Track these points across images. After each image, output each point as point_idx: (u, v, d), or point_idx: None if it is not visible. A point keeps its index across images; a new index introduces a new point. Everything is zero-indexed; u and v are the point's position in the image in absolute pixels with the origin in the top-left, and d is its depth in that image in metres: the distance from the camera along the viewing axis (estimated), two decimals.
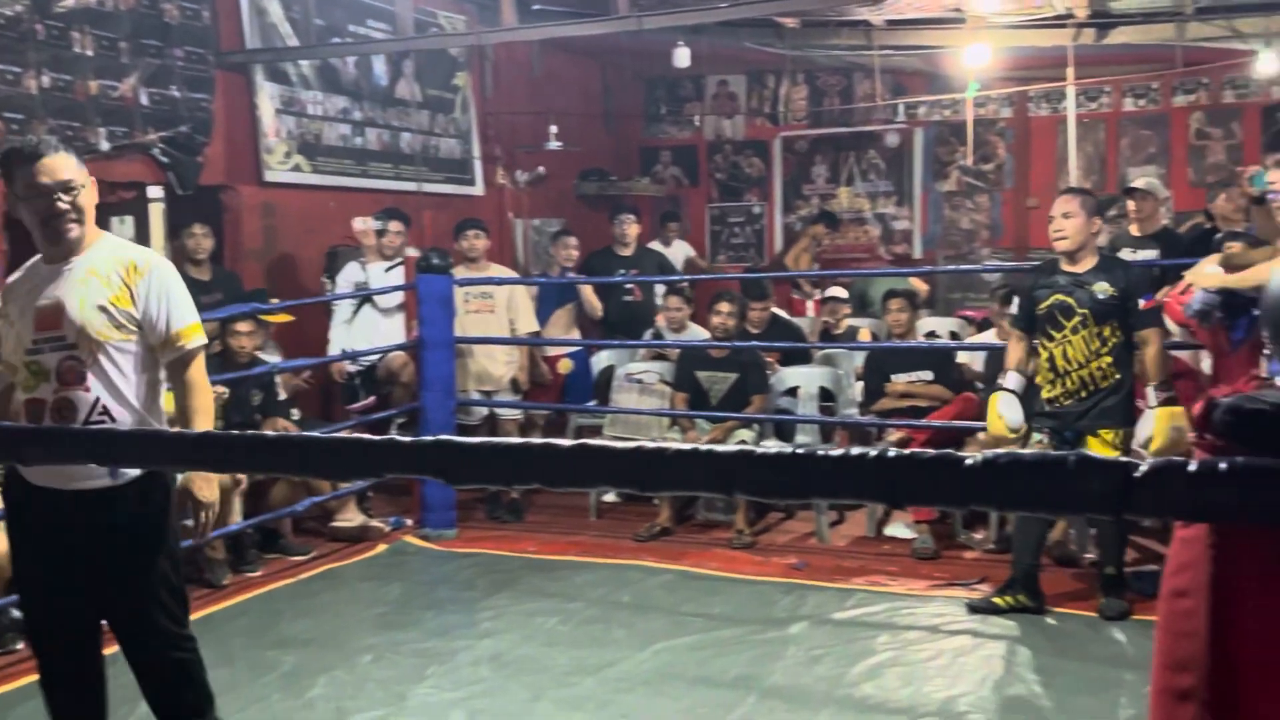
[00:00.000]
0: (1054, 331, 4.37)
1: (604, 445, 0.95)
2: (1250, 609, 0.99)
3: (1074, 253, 4.37)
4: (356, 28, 7.21)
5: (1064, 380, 4.35)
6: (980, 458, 0.80)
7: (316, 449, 1.01)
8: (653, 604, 4.71)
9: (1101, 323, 4.29)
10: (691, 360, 6.07)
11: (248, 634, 4.43)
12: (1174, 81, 8.90)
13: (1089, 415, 4.32)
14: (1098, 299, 4.28)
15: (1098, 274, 4.33)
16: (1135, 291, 4.30)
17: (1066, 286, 4.35)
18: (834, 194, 10.08)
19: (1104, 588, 4.46)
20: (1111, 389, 4.30)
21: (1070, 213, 4.35)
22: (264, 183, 6.59)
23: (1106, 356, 4.29)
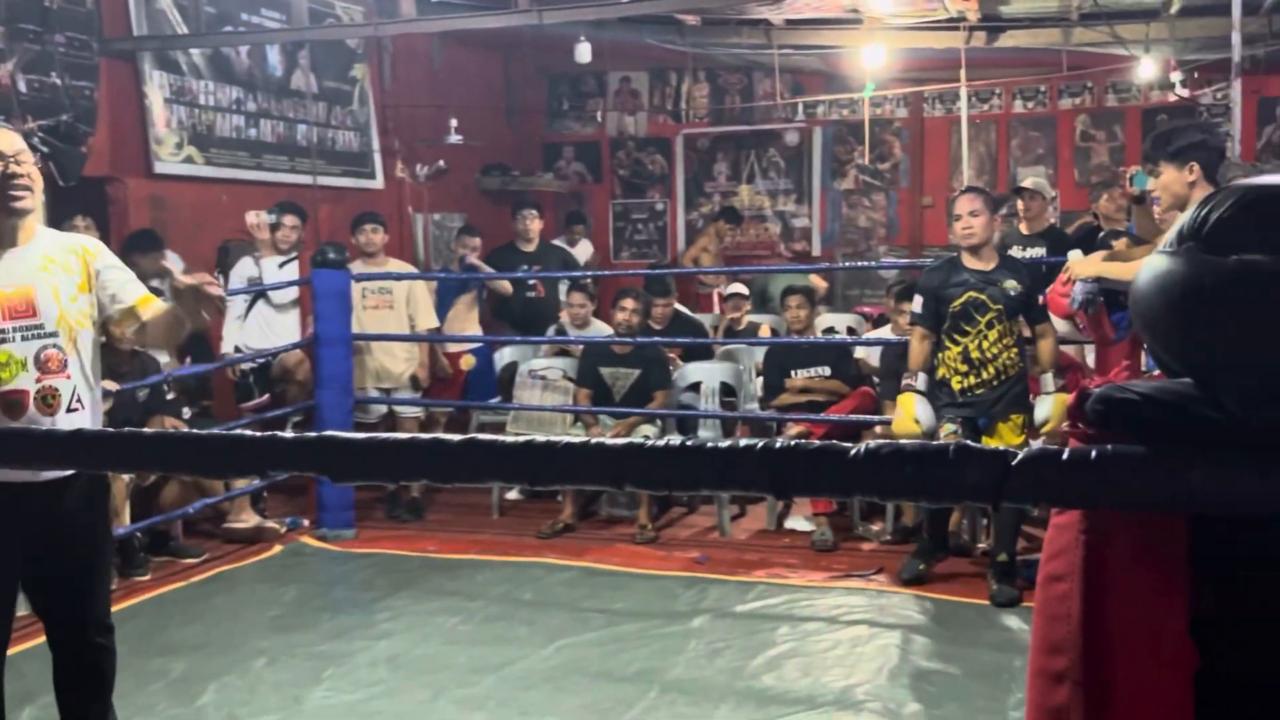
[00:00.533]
0: (967, 327, 4.61)
1: (493, 440, 0.94)
2: (1120, 592, 1.02)
3: (979, 249, 4.63)
4: (250, 16, 7.03)
5: (979, 371, 4.61)
6: (864, 448, 0.81)
7: (196, 446, 0.98)
8: (555, 601, 4.70)
9: (1011, 317, 4.60)
10: (595, 356, 6.07)
11: (135, 640, 4.27)
12: (1060, 85, 9.20)
13: (1001, 402, 4.62)
14: (1009, 296, 4.57)
15: (1005, 272, 4.63)
16: (1037, 289, 4.66)
17: (977, 284, 4.60)
18: (735, 191, 10.18)
19: (996, 575, 4.61)
20: (1018, 377, 4.64)
21: (977, 210, 4.62)
22: (153, 174, 6.38)
23: (1014, 348, 4.62)
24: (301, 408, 5.97)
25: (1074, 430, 0.99)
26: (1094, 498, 0.81)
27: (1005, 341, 4.60)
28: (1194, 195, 3.62)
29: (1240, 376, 0.93)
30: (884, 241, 9.82)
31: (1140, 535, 0.99)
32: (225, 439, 1.00)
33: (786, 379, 5.98)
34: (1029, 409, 4.67)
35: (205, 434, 1.03)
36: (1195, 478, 0.87)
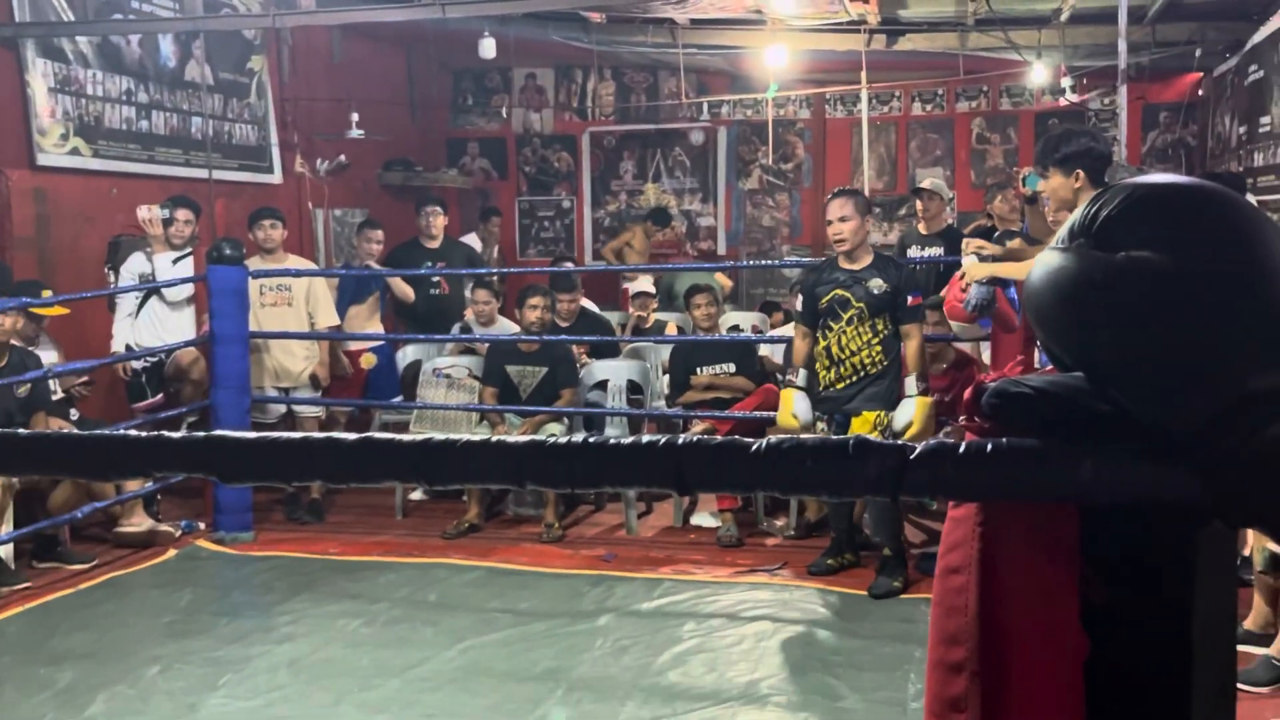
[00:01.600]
0: (832, 323, 4.71)
1: (390, 438, 0.92)
2: (1015, 583, 1.05)
3: (851, 251, 4.70)
4: (141, 4, 6.80)
5: (838, 367, 4.70)
6: (765, 444, 0.81)
7: (79, 447, 0.94)
8: (460, 602, 4.65)
9: (875, 315, 4.65)
10: (501, 354, 6.02)
11: (18, 650, 4.12)
12: (957, 88, 9.43)
13: (857, 398, 4.68)
14: (872, 294, 4.64)
15: (873, 271, 4.69)
16: (905, 288, 4.68)
17: (845, 282, 4.69)
18: (641, 190, 10.21)
19: (879, 568, 4.73)
20: (879, 375, 4.68)
21: (846, 216, 4.67)
22: (36, 167, 6.13)
23: (877, 346, 4.67)
24: (196, 408, 5.80)
25: (970, 424, 1.01)
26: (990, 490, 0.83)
27: (865, 338, 4.66)
28: (1080, 199, 3.74)
29: (1128, 370, 0.96)
30: (787, 241, 9.95)
31: (1034, 527, 1.01)
32: (110, 439, 0.96)
33: (692, 376, 6.01)
34: (889, 406, 4.70)
35: (89, 435, 0.99)
36: (1087, 469, 0.89)
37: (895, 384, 4.73)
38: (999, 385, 1.00)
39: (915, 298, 4.72)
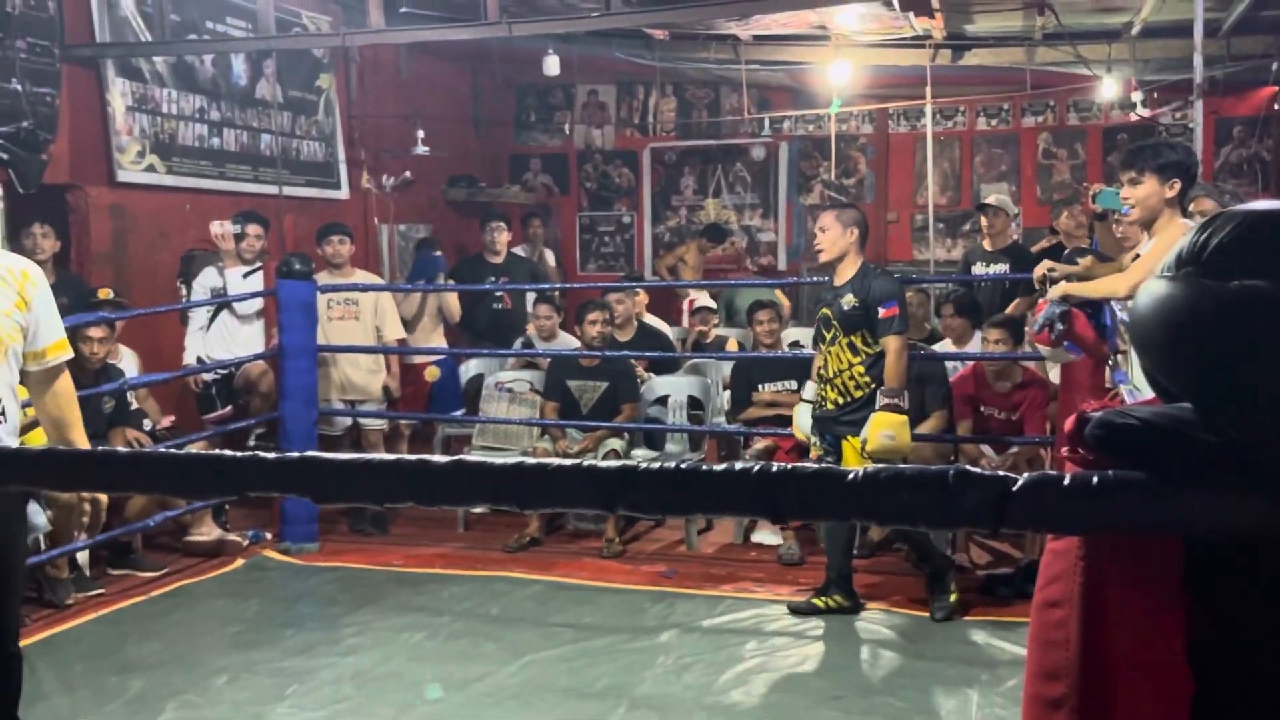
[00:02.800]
0: (820, 342, 4.61)
1: (481, 461, 0.92)
2: (1118, 618, 1.02)
3: (834, 264, 4.55)
4: (215, 25, 6.96)
5: (826, 387, 4.57)
6: (861, 472, 0.81)
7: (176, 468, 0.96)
8: (522, 616, 4.67)
9: (850, 332, 4.45)
10: (562, 369, 6.04)
11: (91, 658, 4.21)
12: (1023, 103, 9.31)
13: (842, 422, 4.50)
14: (844, 310, 4.46)
15: (849, 287, 4.48)
16: (875, 300, 4.40)
17: (829, 299, 4.56)
18: (701, 205, 10.21)
19: (929, 589, 4.60)
20: (865, 399, 4.44)
21: (826, 227, 4.54)
22: (115, 183, 6.29)
23: (859, 366, 4.46)
24: (265, 420, 5.89)
25: (1073, 455, 0.99)
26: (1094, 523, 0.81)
27: (846, 358, 4.48)
28: (1165, 212, 3.67)
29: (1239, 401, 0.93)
30: None
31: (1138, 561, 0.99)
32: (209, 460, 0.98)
33: (754, 393, 5.99)
34: None
35: (187, 455, 1.01)
36: (1194, 503, 0.87)
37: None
38: (1104, 416, 0.98)
39: (889, 309, 4.40)
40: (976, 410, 5.48)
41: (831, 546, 4.67)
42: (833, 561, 4.65)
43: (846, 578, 4.64)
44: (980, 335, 5.80)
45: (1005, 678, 3.93)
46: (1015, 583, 4.85)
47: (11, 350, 2.77)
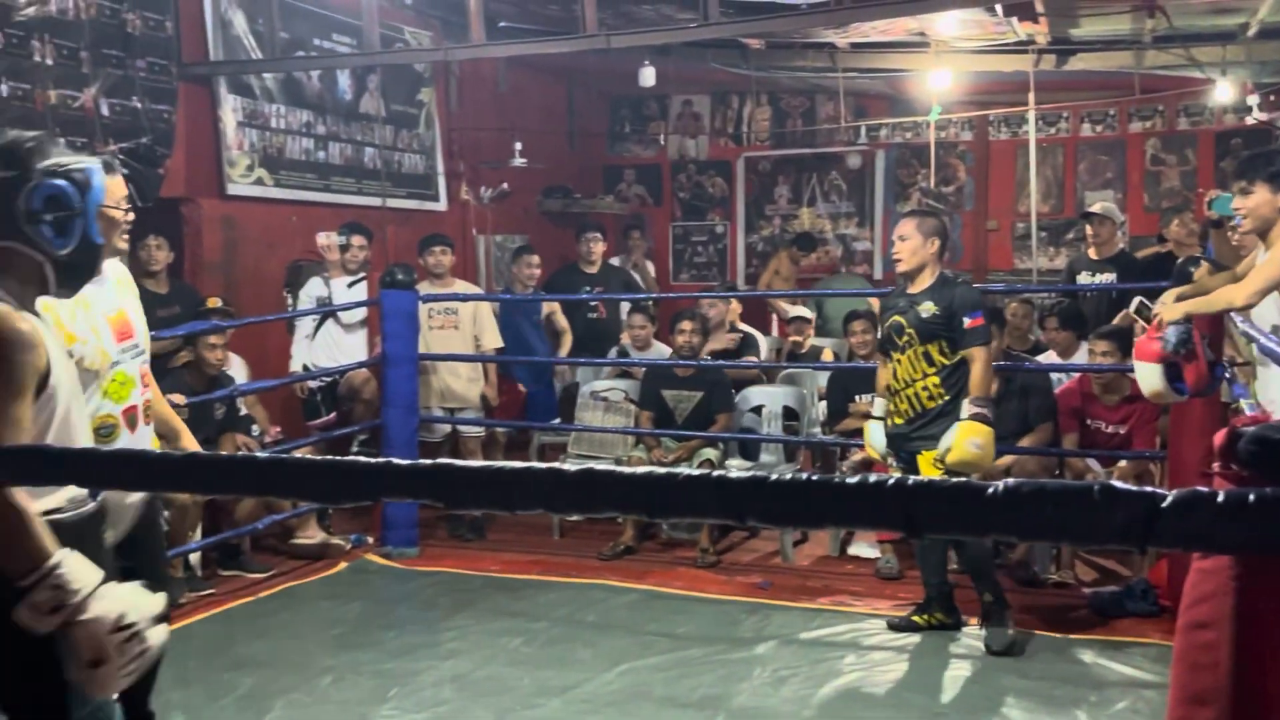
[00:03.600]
0: (892, 351, 4.42)
1: (610, 470, 0.93)
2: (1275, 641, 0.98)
3: (912, 274, 4.38)
4: (321, 41, 7.15)
5: (896, 399, 4.39)
6: (1002, 487, 0.79)
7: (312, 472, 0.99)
8: (617, 623, 4.68)
9: (926, 341, 4.29)
10: (657, 379, 6.06)
11: (204, 655, 4.34)
12: (1130, 108, 9.06)
13: (915, 437, 4.33)
14: (922, 318, 4.29)
15: (927, 294, 4.32)
16: (959, 310, 4.25)
17: (902, 307, 4.39)
18: (796, 214, 10.15)
19: (984, 616, 4.35)
20: (939, 411, 4.27)
21: (905, 235, 4.38)
22: (225, 196, 6.50)
23: (934, 376, 4.29)
24: (368, 426, 6.03)
25: (1225, 471, 0.96)
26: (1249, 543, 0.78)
27: (920, 368, 4.29)
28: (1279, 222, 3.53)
29: None
30: (947, 265, 9.68)
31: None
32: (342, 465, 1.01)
33: (850, 404, 5.93)
34: None
35: (320, 460, 1.04)
36: None
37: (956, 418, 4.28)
38: (1258, 432, 0.94)
39: (974, 319, 4.23)
40: (1083, 423, 5.34)
41: (925, 563, 4.56)
42: (928, 579, 4.55)
43: (946, 594, 4.54)
44: (1086, 347, 5.66)
45: (1114, 700, 3.82)
46: (1123, 601, 4.71)
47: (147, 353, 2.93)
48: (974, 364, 4.24)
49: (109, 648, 1.87)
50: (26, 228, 2.07)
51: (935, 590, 4.53)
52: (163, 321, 5.51)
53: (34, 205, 2.08)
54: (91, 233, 2.16)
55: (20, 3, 5.17)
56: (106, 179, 2.34)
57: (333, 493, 1.02)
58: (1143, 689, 3.90)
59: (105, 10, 5.65)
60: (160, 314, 5.65)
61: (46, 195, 2.09)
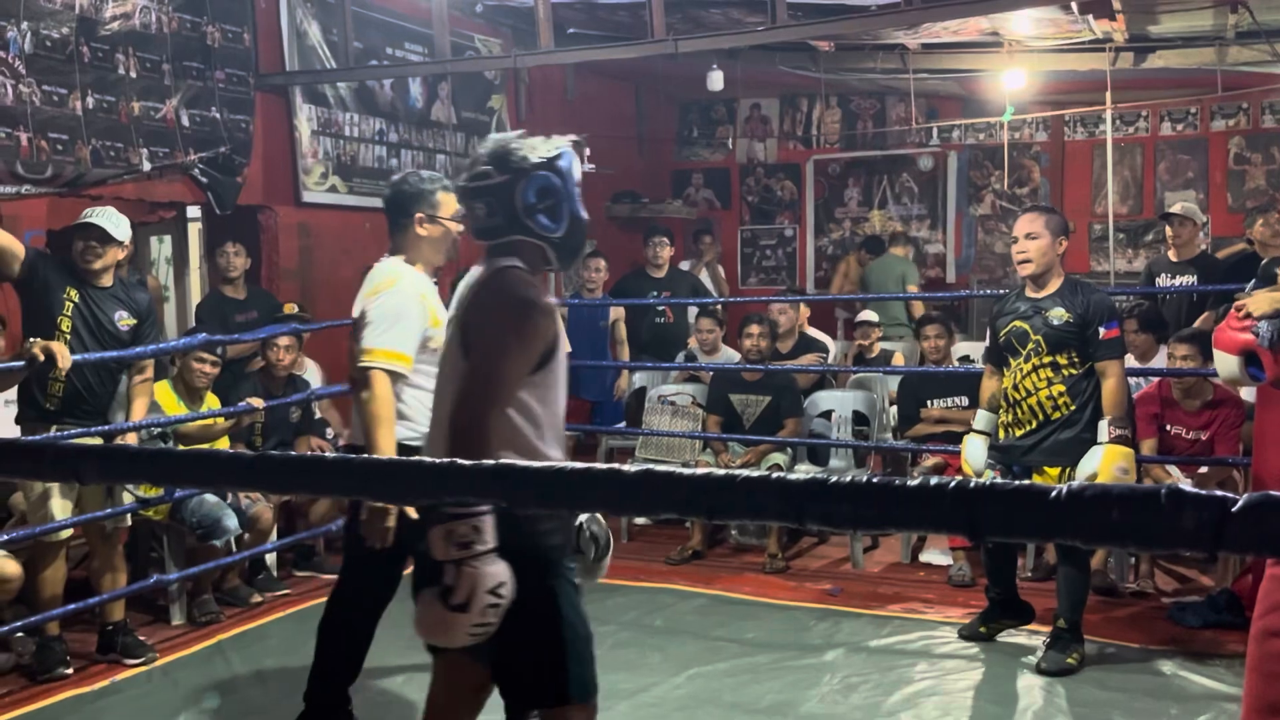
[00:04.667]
0: (1011, 359, 4.14)
1: (670, 471, 0.93)
2: None
3: (1038, 276, 4.11)
4: (394, 50, 7.28)
5: (1015, 410, 4.13)
6: (1066, 489, 0.78)
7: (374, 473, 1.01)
8: (686, 628, 4.68)
9: (1055, 351, 4.04)
10: (724, 383, 6.05)
11: (280, 653, 4.43)
12: (1212, 106, 8.83)
13: (1037, 450, 4.09)
14: (1052, 325, 4.03)
15: (1056, 299, 4.07)
16: (1095, 319, 4.00)
17: (1025, 312, 4.11)
18: (866, 217, 10.06)
19: (1051, 641, 4.16)
20: (1063, 422, 4.04)
21: (1034, 233, 4.08)
22: (301, 203, 6.64)
23: (1059, 385, 4.05)
24: None
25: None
26: None
27: (1045, 376, 4.03)
28: None
29: None
30: None
31: None
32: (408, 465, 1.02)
33: (922, 409, 5.86)
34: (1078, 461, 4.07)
35: (384, 460, 1.06)
36: None
37: (1087, 436, 4.04)
38: None
39: (1111, 329, 4.00)
40: (1162, 429, 5.21)
41: (994, 575, 4.41)
42: (992, 591, 4.41)
43: (1011, 598, 4.41)
44: (1165, 351, 5.52)
45: (1196, 712, 3.72)
46: (1203, 612, 4.59)
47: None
48: (1110, 379, 4.00)
49: (478, 603, 2.11)
50: (527, 221, 2.39)
51: (1001, 598, 4.41)
52: (240, 327, 5.66)
53: (529, 200, 2.38)
54: (577, 211, 2.45)
55: (105, 17, 5.34)
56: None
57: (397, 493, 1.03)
58: (1225, 702, 3.79)
59: (186, 23, 5.82)
60: (238, 319, 5.81)
61: (538, 188, 2.38)
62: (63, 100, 5.14)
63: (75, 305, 4.14)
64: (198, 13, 5.88)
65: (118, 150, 5.40)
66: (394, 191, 3.48)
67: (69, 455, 1.18)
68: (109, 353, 4.16)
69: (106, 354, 4.15)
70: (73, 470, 1.17)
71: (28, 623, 4.10)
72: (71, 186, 5.20)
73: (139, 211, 6.15)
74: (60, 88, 5.13)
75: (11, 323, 4.88)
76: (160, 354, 4.65)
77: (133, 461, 1.20)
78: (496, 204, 2.41)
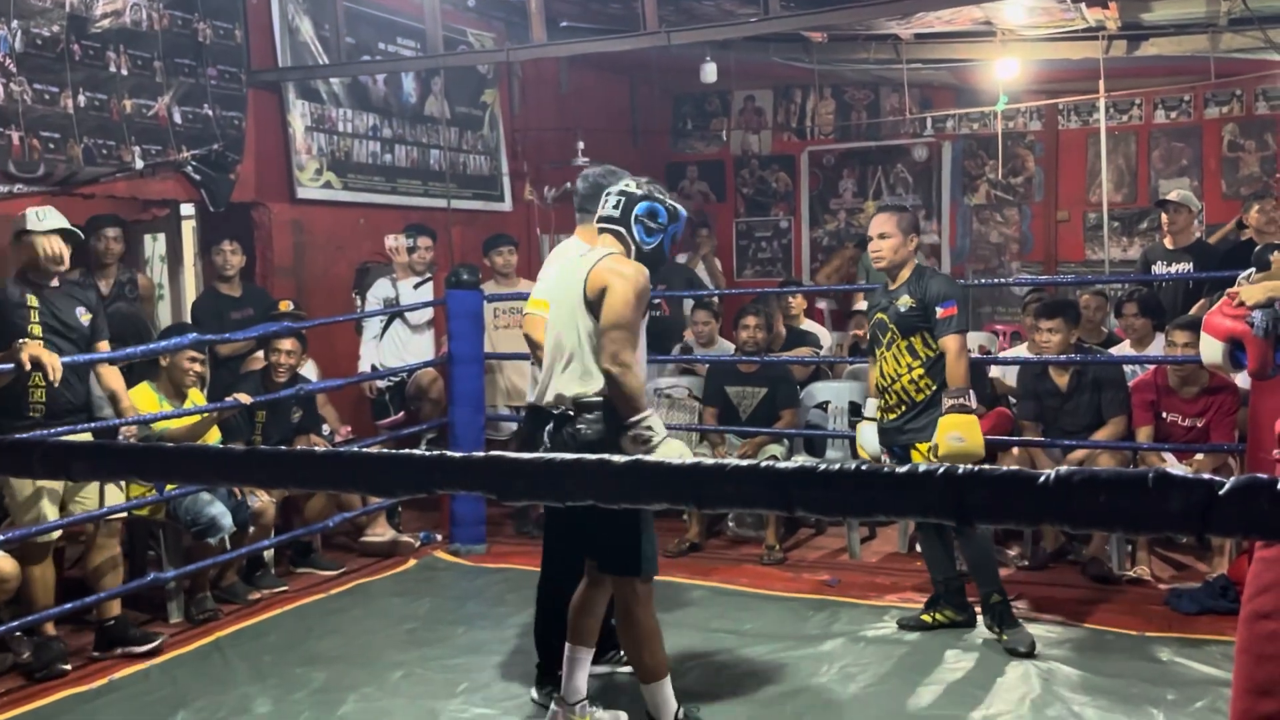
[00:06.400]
0: (876, 349, 4.40)
1: (659, 461, 0.93)
2: None
3: (892, 270, 4.34)
4: (386, 45, 7.26)
5: (885, 395, 4.37)
6: (1054, 475, 0.78)
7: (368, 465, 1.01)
8: (684, 620, 4.68)
9: (908, 335, 4.26)
10: (721, 375, 6.05)
11: (278, 650, 4.43)
12: (1206, 93, 8.82)
13: (907, 430, 4.30)
14: (900, 312, 4.27)
15: (904, 288, 4.30)
16: (933, 300, 4.21)
17: (883, 304, 4.38)
18: (861, 208, 10.05)
19: (997, 619, 4.28)
20: (927, 403, 4.25)
21: (886, 233, 4.30)
22: (295, 199, 6.62)
23: (919, 369, 4.25)
24: (435, 425, 6.10)
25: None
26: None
27: (905, 362, 4.26)
28: None
29: None
30: (1017, 257, 9.56)
31: None
32: (398, 459, 1.02)
33: None
34: None
35: (381, 454, 1.05)
36: None
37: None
38: None
39: (947, 308, 4.20)
40: (1158, 416, 5.21)
41: (929, 559, 4.51)
42: (935, 575, 4.49)
43: (956, 590, 4.47)
44: (1162, 338, 5.52)
45: (1194, 698, 3.73)
46: (1200, 598, 4.60)
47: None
48: (948, 354, 4.20)
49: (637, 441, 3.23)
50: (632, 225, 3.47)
51: (943, 586, 4.48)
52: (236, 324, 5.65)
53: (641, 212, 3.48)
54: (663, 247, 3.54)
55: (96, 15, 5.32)
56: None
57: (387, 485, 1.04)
58: (1222, 687, 3.79)
59: (177, 20, 5.80)
60: (234, 316, 5.79)
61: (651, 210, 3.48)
62: (54, 99, 5.12)
63: (38, 310, 4.21)
64: (189, 9, 5.86)
65: (110, 148, 5.39)
66: (588, 184, 4.06)
67: (59, 453, 1.17)
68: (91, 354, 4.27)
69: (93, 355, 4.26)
70: (63, 467, 1.16)
71: (24, 622, 4.09)
72: (64, 185, 5.18)
73: (132, 209, 6.15)
74: (51, 86, 5.12)
75: None
76: (153, 354, 4.65)
77: (122, 458, 1.20)
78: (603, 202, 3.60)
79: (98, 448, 1.55)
